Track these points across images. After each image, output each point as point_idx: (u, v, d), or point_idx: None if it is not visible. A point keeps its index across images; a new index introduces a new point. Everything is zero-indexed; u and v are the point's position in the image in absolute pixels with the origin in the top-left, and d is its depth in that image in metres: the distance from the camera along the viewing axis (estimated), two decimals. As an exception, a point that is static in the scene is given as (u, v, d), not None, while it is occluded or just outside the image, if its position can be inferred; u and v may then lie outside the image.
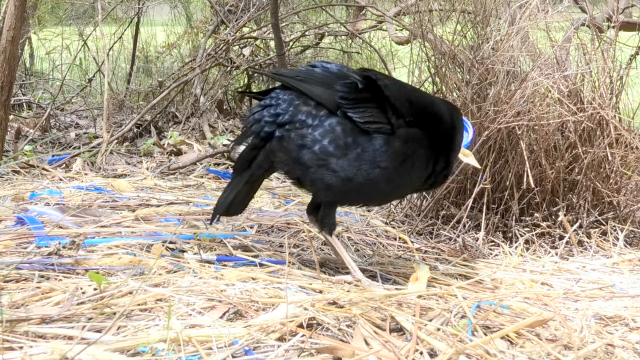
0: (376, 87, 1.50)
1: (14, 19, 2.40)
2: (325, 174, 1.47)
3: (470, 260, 1.85)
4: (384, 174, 1.47)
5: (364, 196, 1.54)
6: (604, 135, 2.04)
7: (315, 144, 1.47)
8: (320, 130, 1.47)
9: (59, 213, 1.90)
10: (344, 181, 1.47)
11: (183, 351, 1.12)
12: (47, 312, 1.23)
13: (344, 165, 1.46)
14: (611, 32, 2.27)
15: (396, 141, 1.48)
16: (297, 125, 1.49)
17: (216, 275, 1.48)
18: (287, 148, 1.50)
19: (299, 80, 1.52)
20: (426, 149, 1.53)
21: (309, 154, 1.47)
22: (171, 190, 2.43)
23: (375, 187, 1.48)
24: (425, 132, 1.52)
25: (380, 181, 1.47)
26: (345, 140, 1.46)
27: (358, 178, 1.46)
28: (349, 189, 1.48)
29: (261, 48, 4.25)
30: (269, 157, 1.54)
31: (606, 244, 2.01)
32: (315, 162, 1.47)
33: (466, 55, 2.11)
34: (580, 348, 1.26)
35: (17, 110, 4.03)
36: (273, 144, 1.52)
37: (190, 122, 3.71)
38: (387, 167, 1.47)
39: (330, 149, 1.46)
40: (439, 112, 1.58)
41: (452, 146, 1.61)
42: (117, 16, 4.94)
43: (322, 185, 1.49)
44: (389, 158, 1.46)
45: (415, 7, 2.43)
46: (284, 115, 1.51)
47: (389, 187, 1.51)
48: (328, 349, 1.16)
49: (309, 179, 1.50)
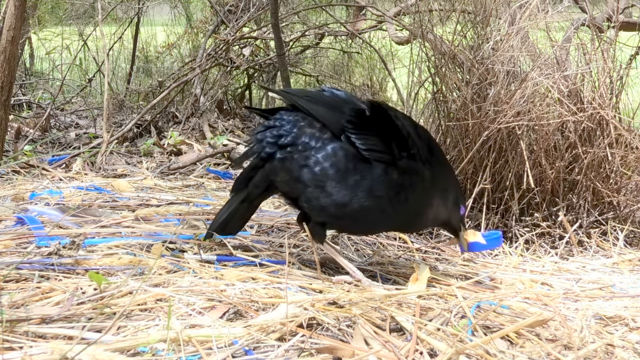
0: (385, 116, 1.50)
1: (14, 19, 2.40)
2: (321, 195, 1.47)
3: (470, 261, 1.85)
4: (377, 203, 1.47)
5: (355, 224, 1.54)
6: (604, 135, 2.04)
7: (317, 165, 1.47)
8: (323, 154, 1.47)
9: (59, 213, 1.90)
10: (338, 206, 1.47)
11: (183, 351, 1.12)
12: (47, 312, 1.23)
13: (340, 189, 1.46)
14: (611, 32, 2.27)
15: (395, 172, 1.48)
16: (300, 148, 1.49)
17: (216, 275, 1.48)
18: (290, 168, 1.50)
19: (307, 101, 1.52)
20: (427, 184, 1.52)
21: (309, 173, 1.47)
22: (171, 190, 2.43)
23: (368, 215, 1.49)
24: (428, 170, 1.52)
25: (373, 210, 1.48)
26: (346, 165, 1.46)
27: (353, 205, 1.46)
28: (342, 214, 1.48)
29: (261, 48, 4.25)
30: (267, 177, 1.55)
31: (606, 244, 2.01)
32: (313, 182, 1.47)
33: (466, 55, 2.11)
34: (580, 348, 1.26)
35: (17, 110, 4.03)
36: (274, 164, 1.52)
37: (190, 122, 3.71)
38: (382, 196, 1.47)
39: (330, 172, 1.46)
40: (444, 156, 1.62)
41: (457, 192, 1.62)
42: (117, 16, 4.94)
43: (316, 205, 1.49)
44: (384, 187, 1.47)
45: (415, 7, 2.43)
46: (286, 137, 1.51)
47: (381, 217, 1.51)
48: (328, 349, 1.16)
49: (305, 197, 1.51)
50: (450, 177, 1.64)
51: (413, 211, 1.54)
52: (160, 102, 3.62)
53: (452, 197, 1.60)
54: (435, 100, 2.17)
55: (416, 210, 1.55)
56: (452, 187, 1.61)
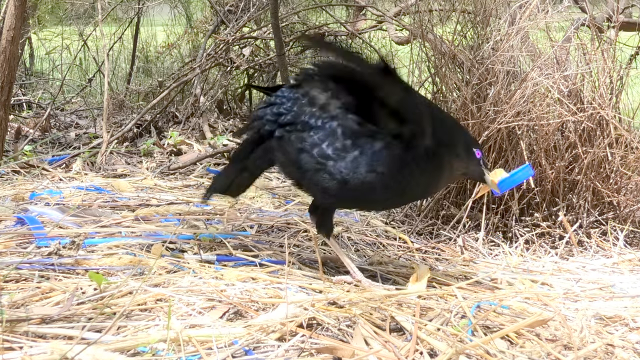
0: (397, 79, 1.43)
1: (14, 19, 2.40)
2: (321, 177, 1.45)
3: (470, 261, 1.85)
4: (380, 180, 1.43)
5: (359, 201, 1.52)
6: (604, 135, 2.04)
7: (314, 148, 1.45)
8: (321, 134, 1.45)
9: (59, 213, 1.90)
10: (340, 184, 1.44)
11: (183, 351, 1.12)
12: (47, 312, 1.23)
13: (340, 167, 1.43)
14: (611, 32, 2.27)
15: (396, 146, 1.43)
16: (299, 127, 1.47)
17: (216, 275, 1.48)
18: (286, 149, 1.49)
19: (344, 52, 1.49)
20: (432, 150, 1.46)
21: (307, 157, 1.45)
22: (171, 190, 2.43)
23: (372, 191, 1.45)
24: (430, 134, 1.46)
25: (377, 186, 1.44)
26: (344, 142, 1.43)
27: (354, 181, 1.43)
28: (344, 192, 1.45)
29: (261, 48, 4.25)
30: (267, 154, 1.54)
31: (606, 244, 2.01)
32: (312, 165, 1.45)
33: (466, 55, 2.11)
34: (580, 348, 1.26)
35: (17, 110, 4.03)
36: (272, 143, 1.51)
37: (190, 122, 3.71)
38: (384, 172, 1.43)
39: (328, 152, 1.44)
40: (439, 109, 1.56)
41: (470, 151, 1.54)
42: (117, 16, 4.94)
43: (318, 188, 1.47)
44: (387, 163, 1.42)
45: (415, 7, 2.43)
46: (286, 115, 1.50)
47: (386, 193, 1.46)
48: (328, 349, 1.16)
49: (306, 182, 1.50)
50: (453, 128, 1.56)
51: (423, 181, 1.49)
52: (160, 102, 3.62)
53: (462, 147, 1.52)
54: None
55: (426, 181, 1.50)
56: (459, 138, 1.53)
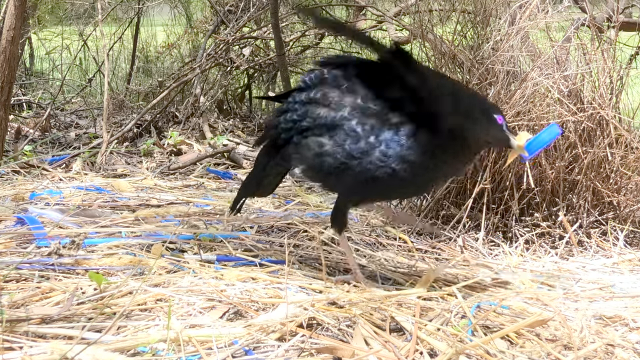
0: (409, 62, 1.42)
1: (14, 19, 2.40)
2: (347, 177, 1.43)
3: (470, 261, 1.85)
4: (410, 169, 1.40)
5: (389, 193, 1.50)
6: (604, 135, 2.04)
7: (336, 150, 1.43)
8: (341, 134, 1.42)
9: (58, 213, 1.90)
10: (368, 180, 1.41)
11: (183, 351, 1.12)
12: (47, 312, 1.23)
13: (366, 164, 1.41)
14: (611, 32, 2.27)
15: (419, 131, 1.40)
16: (316, 131, 1.45)
17: (216, 275, 1.48)
18: (305, 155, 1.47)
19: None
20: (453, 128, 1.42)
21: (329, 159, 1.43)
22: (171, 190, 2.43)
23: (401, 183, 1.42)
24: (447, 112, 1.42)
25: (407, 176, 1.41)
26: (367, 140, 1.41)
27: (382, 176, 1.40)
28: (373, 188, 1.44)
29: (261, 48, 4.25)
30: (285, 161, 1.54)
31: (606, 244, 2.01)
32: (336, 167, 1.43)
33: (466, 55, 2.11)
34: (580, 348, 1.26)
35: (17, 110, 4.03)
36: (290, 150, 1.50)
37: (190, 122, 3.71)
38: (413, 160, 1.40)
39: (352, 152, 1.41)
40: (451, 80, 1.54)
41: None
42: (117, 16, 4.94)
43: (345, 188, 1.47)
44: (414, 151, 1.39)
45: (415, 7, 2.43)
46: (300, 121, 1.48)
47: (417, 180, 1.44)
48: (328, 349, 1.16)
49: (330, 184, 1.49)
50: (470, 98, 1.51)
51: (450, 161, 1.46)
52: (160, 102, 3.62)
53: (481, 115, 1.46)
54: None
55: (454, 159, 1.46)
56: (477, 107, 1.47)
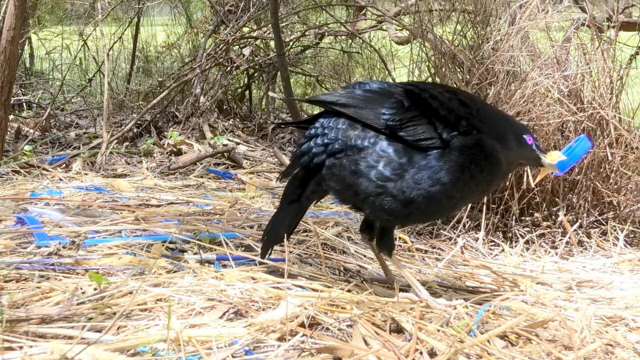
0: (422, 101, 1.45)
1: (14, 19, 2.40)
2: (384, 201, 1.42)
3: (470, 261, 1.85)
4: (444, 190, 1.41)
5: (427, 215, 1.49)
6: (604, 135, 2.04)
7: (371, 171, 1.42)
8: (373, 156, 1.42)
9: (59, 213, 1.90)
10: (404, 204, 1.42)
11: (183, 351, 1.12)
12: (47, 312, 1.23)
13: (402, 187, 1.41)
14: (611, 32, 2.27)
15: (452, 154, 1.42)
16: (349, 153, 1.45)
17: (216, 275, 1.48)
18: (340, 177, 1.46)
19: (342, 105, 1.47)
20: (486, 148, 1.44)
21: (365, 182, 1.43)
22: (171, 190, 2.43)
23: (437, 203, 1.43)
24: (480, 133, 1.44)
25: (441, 197, 1.42)
26: (399, 161, 1.41)
27: (418, 198, 1.41)
28: (410, 211, 1.43)
29: (261, 48, 4.25)
30: (320, 186, 1.51)
31: (606, 244, 2.01)
32: (373, 190, 1.42)
33: (466, 55, 2.11)
34: (580, 348, 1.26)
35: (17, 110, 4.03)
36: (323, 173, 1.48)
37: (190, 122, 3.72)
38: (446, 182, 1.41)
39: (386, 174, 1.41)
40: (484, 103, 1.53)
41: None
42: (117, 16, 4.94)
43: (382, 212, 1.45)
44: (447, 173, 1.41)
45: (415, 7, 2.43)
46: (333, 144, 1.46)
47: (451, 202, 1.45)
48: (328, 348, 1.16)
49: (367, 207, 1.46)
50: (500, 120, 1.53)
51: (484, 181, 1.47)
52: (160, 102, 3.62)
53: (512, 136, 1.49)
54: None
55: (486, 178, 1.47)
56: (507, 128, 1.51)
